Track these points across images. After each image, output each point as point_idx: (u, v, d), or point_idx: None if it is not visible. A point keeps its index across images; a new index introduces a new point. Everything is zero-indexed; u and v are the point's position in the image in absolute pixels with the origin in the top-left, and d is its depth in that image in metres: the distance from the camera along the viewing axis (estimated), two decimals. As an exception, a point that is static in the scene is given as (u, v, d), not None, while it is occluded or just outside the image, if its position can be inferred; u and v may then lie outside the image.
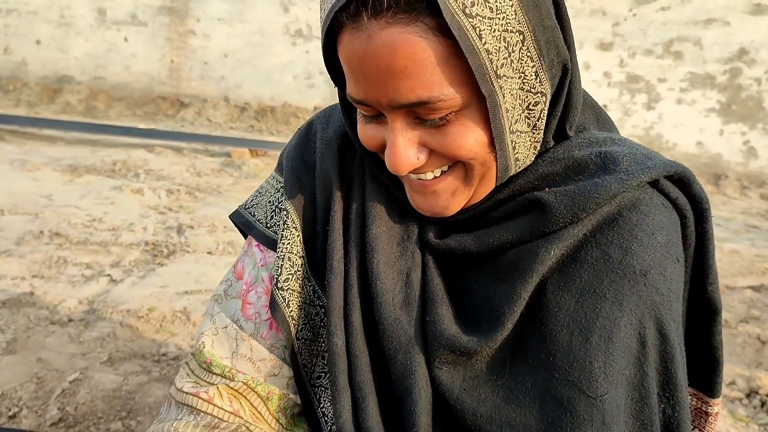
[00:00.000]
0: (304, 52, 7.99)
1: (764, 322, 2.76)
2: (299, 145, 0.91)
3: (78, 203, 3.88)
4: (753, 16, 6.56)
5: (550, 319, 0.70)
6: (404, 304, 0.77)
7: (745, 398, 2.19)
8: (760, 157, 6.69)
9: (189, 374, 0.89)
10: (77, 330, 2.27)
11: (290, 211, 0.86)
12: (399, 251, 0.79)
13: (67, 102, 7.97)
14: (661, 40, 6.91)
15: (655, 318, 0.69)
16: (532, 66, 0.67)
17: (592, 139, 0.78)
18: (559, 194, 0.71)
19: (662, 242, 0.71)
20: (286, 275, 0.84)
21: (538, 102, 0.69)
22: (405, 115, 0.68)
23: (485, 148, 0.69)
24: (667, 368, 0.70)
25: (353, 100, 0.70)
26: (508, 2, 0.62)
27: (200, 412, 0.83)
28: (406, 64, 0.62)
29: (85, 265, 2.91)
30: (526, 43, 0.65)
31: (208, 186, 4.70)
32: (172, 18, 8.19)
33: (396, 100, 0.65)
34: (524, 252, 0.72)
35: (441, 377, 0.74)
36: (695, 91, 6.85)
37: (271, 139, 6.95)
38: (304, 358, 0.86)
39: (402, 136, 0.69)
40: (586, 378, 0.67)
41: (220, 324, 0.89)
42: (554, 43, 0.69)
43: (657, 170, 0.72)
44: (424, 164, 0.71)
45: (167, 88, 8.29)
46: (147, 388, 1.94)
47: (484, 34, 0.61)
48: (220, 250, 3.30)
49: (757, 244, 4.31)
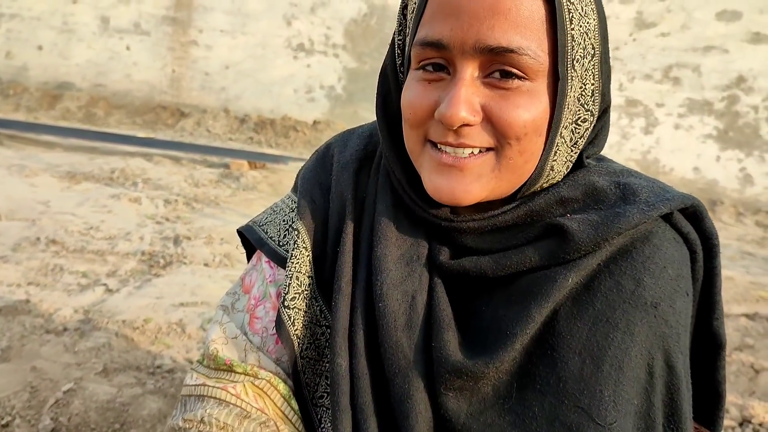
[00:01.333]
0: (305, 66, 8.03)
1: (758, 351, 2.77)
2: (316, 167, 0.92)
3: (75, 210, 3.87)
4: (752, 44, 6.63)
5: (561, 346, 0.70)
6: (407, 327, 0.76)
7: (738, 427, 2.19)
8: (756, 184, 6.73)
9: (204, 375, 0.88)
10: (72, 339, 2.26)
11: (301, 231, 0.86)
12: (406, 272, 0.79)
13: (67, 108, 7.98)
14: (660, 66, 6.97)
15: (663, 350, 0.70)
16: (592, 83, 0.71)
17: (610, 169, 0.80)
18: (581, 222, 0.72)
19: (673, 276, 0.72)
20: (293, 294, 0.84)
21: (586, 120, 0.72)
22: (478, 68, 0.69)
23: (535, 134, 0.70)
24: (673, 400, 0.70)
25: (426, 43, 0.70)
26: (593, 16, 0.70)
27: (229, 404, 0.82)
28: (510, 6, 0.65)
29: (81, 274, 2.91)
30: (594, 60, 0.71)
31: (206, 197, 4.70)
32: (175, 28, 8.22)
33: (485, 40, 0.66)
34: (541, 277, 0.73)
35: (447, 403, 0.73)
36: (693, 116, 6.90)
37: (270, 152, 6.96)
38: (307, 377, 0.86)
39: (468, 87, 0.68)
40: (596, 406, 0.67)
41: (230, 334, 0.89)
42: (608, 80, 0.74)
43: (675, 202, 0.74)
44: (473, 132, 0.70)
45: (168, 97, 8.31)
46: (141, 400, 1.93)
47: (574, 22, 0.68)
48: (217, 262, 3.29)
49: (751, 271, 4.33)
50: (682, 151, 6.96)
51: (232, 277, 3.09)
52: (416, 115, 0.73)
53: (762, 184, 6.72)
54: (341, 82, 8.00)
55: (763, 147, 6.70)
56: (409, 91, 0.74)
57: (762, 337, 2.89)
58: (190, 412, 0.83)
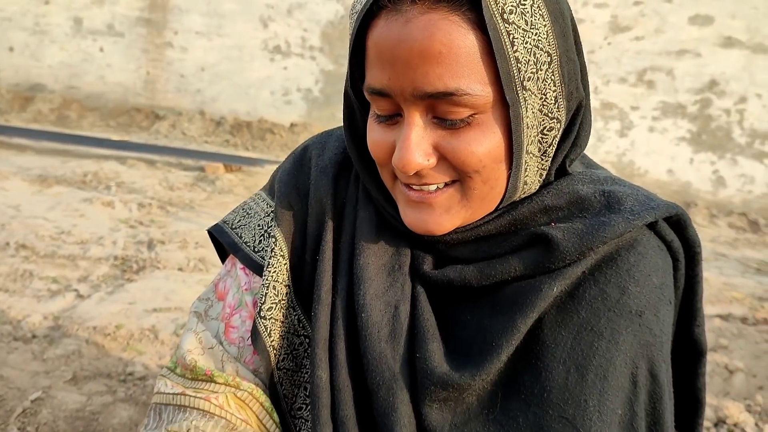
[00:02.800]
0: (282, 68, 7.99)
1: (732, 352, 2.79)
2: (293, 171, 0.89)
3: (46, 215, 3.80)
4: (724, 48, 6.73)
5: (546, 355, 0.70)
6: (390, 338, 0.75)
7: (713, 428, 2.20)
8: (729, 186, 6.83)
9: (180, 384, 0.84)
10: (41, 347, 2.21)
11: (279, 239, 0.84)
12: (388, 282, 0.78)
13: (39, 110, 7.85)
14: (635, 69, 7.04)
15: (647, 358, 0.70)
16: (554, 90, 0.68)
17: (593, 177, 0.79)
18: (566, 231, 0.71)
19: (657, 284, 0.72)
20: (269, 304, 0.81)
21: (553, 128, 0.70)
22: (424, 111, 0.67)
23: (495, 163, 0.68)
24: (655, 409, 0.70)
25: (372, 91, 0.69)
26: (542, 22, 0.65)
27: (213, 416, 0.79)
28: (441, 49, 0.63)
29: (51, 279, 2.85)
30: (552, 66, 0.67)
31: (181, 200, 4.64)
32: (150, 30, 8.14)
33: (422, 87, 0.64)
34: (526, 286, 0.72)
35: (431, 415, 0.72)
36: (667, 119, 6.98)
37: (246, 155, 6.91)
38: (285, 388, 0.83)
39: (416, 133, 0.67)
40: (580, 415, 0.66)
41: (206, 344, 0.86)
42: (575, 77, 0.71)
43: (660, 211, 0.73)
44: (431, 173, 0.70)
45: (142, 99, 8.22)
46: (111, 408, 1.89)
47: (517, 43, 0.64)
48: (191, 266, 3.25)
49: (725, 273, 4.38)
50: (657, 153, 7.03)
51: (207, 282, 3.05)
52: (380, 158, 0.73)
53: (734, 186, 6.81)
54: (318, 85, 7.98)
55: (735, 150, 6.80)
56: (372, 132, 0.74)
57: (736, 338, 2.92)
58: (173, 423, 0.80)
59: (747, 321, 3.23)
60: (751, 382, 2.53)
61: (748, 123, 6.74)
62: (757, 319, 3.25)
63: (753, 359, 2.71)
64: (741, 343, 2.89)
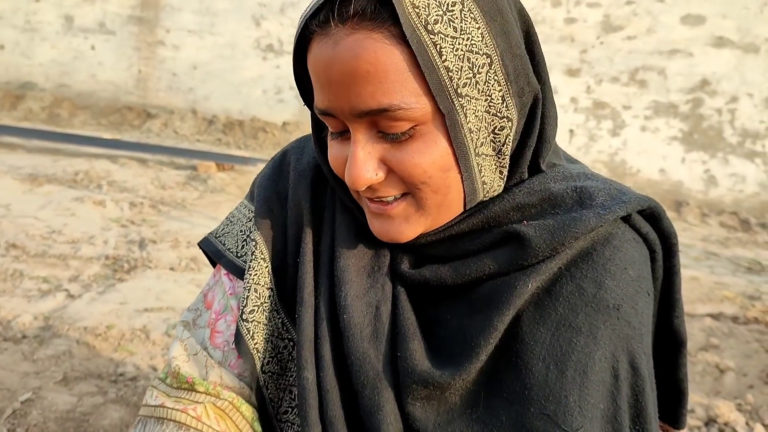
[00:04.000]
0: (274, 67, 7.97)
1: (723, 351, 2.80)
2: (272, 175, 0.90)
3: (37, 214, 3.78)
4: (715, 48, 6.75)
5: (525, 352, 0.70)
6: (373, 338, 0.75)
7: (703, 427, 2.21)
8: (720, 186, 6.86)
9: (164, 394, 0.85)
10: (31, 347, 2.20)
11: (259, 242, 0.84)
12: (369, 283, 0.78)
13: (30, 109, 7.81)
14: (627, 68, 7.06)
15: (627, 351, 0.70)
16: (499, 90, 0.68)
17: (566, 174, 0.79)
18: (538, 228, 0.71)
19: (634, 276, 0.72)
20: (251, 306, 0.82)
21: (504, 126, 0.70)
22: (368, 128, 0.68)
23: (442, 172, 0.69)
24: (638, 401, 0.70)
25: (319, 112, 0.70)
26: (474, 25, 0.65)
27: (189, 428, 0.79)
28: (368, 68, 0.63)
29: (42, 279, 2.83)
30: (494, 67, 0.67)
31: (173, 200, 4.63)
32: (141, 28, 8.10)
33: (357, 106, 0.65)
34: (501, 284, 0.72)
35: (415, 413, 0.72)
36: (659, 119, 7.00)
37: (238, 153, 6.90)
38: (271, 392, 0.83)
39: (362, 149, 0.68)
40: (561, 412, 0.66)
41: (191, 351, 0.86)
42: (524, 72, 0.70)
43: (632, 204, 0.73)
44: (383, 186, 0.71)
45: (134, 98, 8.19)
46: (102, 409, 1.88)
47: (445, 52, 0.63)
48: (183, 266, 3.24)
49: (716, 272, 4.40)
50: (649, 153, 7.06)
51: (199, 282, 3.04)
52: (340, 173, 0.74)
53: (725, 185, 6.84)
54: (311, 84, 7.95)
55: (727, 149, 6.83)
56: (330, 149, 0.75)
57: (726, 337, 2.94)
58: None
59: (738, 320, 3.25)
60: (742, 381, 2.54)
61: (740, 122, 6.77)
62: (748, 318, 3.27)
63: (744, 358, 2.72)
64: (732, 342, 2.90)
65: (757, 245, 5.74)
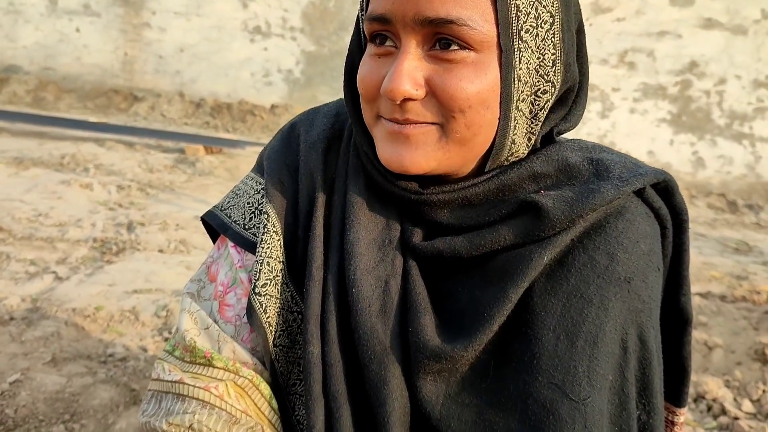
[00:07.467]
0: (262, 49, 7.91)
1: (711, 328, 2.83)
2: (281, 148, 0.88)
3: (23, 197, 3.74)
4: (704, 30, 6.76)
5: (536, 323, 0.69)
6: (381, 313, 0.74)
7: (692, 403, 2.23)
8: (708, 167, 6.89)
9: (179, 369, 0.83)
10: (19, 329, 2.18)
11: (271, 215, 0.83)
12: (379, 256, 0.77)
13: (14, 92, 7.72)
14: (616, 51, 7.06)
15: (636, 325, 0.70)
16: (552, 53, 0.69)
17: (582, 145, 0.79)
18: (556, 199, 0.71)
19: (645, 251, 0.72)
20: (264, 280, 0.80)
21: (547, 91, 0.70)
22: (422, 41, 0.67)
23: (482, 107, 0.68)
24: (645, 375, 0.71)
25: (372, 19, 0.69)
26: None
27: (214, 407, 0.78)
28: None
29: (29, 262, 2.81)
30: (554, 28, 0.68)
31: (161, 182, 4.59)
32: (127, 9, 8.01)
33: (424, 12, 0.64)
34: (516, 256, 0.72)
35: (425, 388, 0.72)
36: (647, 101, 7.02)
37: (226, 136, 6.85)
38: (281, 365, 0.83)
39: (410, 61, 0.67)
40: (569, 381, 0.66)
41: (202, 324, 0.85)
42: (572, 50, 0.71)
43: (648, 177, 0.74)
44: (414, 107, 0.69)
45: (120, 81, 8.11)
46: (92, 390, 1.87)
47: None
48: (172, 248, 3.22)
49: (704, 252, 4.43)
50: (637, 134, 7.08)
51: (188, 263, 3.02)
52: (368, 91, 0.72)
53: (713, 167, 6.88)
54: (299, 66, 7.91)
55: (715, 131, 6.86)
56: (363, 66, 0.73)
57: (714, 315, 2.96)
58: (175, 415, 0.78)
59: (726, 299, 3.28)
60: (730, 358, 2.57)
61: (727, 104, 6.79)
62: (735, 296, 3.30)
63: (731, 336, 2.74)
64: (720, 320, 2.92)
65: (744, 226, 5.79)
